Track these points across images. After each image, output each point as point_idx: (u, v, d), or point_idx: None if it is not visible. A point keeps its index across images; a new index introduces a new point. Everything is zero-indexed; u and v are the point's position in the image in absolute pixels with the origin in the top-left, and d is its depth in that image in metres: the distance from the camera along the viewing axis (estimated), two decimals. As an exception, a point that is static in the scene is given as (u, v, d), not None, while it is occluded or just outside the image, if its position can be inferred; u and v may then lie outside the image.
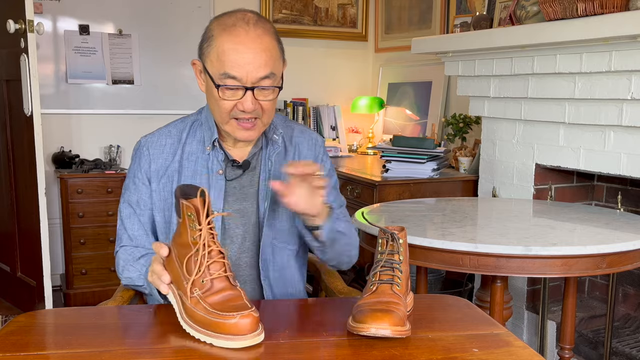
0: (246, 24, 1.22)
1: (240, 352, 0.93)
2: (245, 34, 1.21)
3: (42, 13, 3.46)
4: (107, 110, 3.70)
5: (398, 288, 1.06)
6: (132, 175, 1.37)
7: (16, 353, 0.92)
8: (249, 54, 1.20)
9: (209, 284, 0.99)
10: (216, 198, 1.32)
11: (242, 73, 1.21)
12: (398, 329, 0.97)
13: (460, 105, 3.41)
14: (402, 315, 1.00)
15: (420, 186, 2.82)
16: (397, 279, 1.07)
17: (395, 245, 1.09)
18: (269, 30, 1.25)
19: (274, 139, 1.38)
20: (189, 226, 1.01)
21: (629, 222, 1.89)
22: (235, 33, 1.21)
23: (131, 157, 1.40)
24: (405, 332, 0.99)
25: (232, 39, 1.21)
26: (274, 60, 1.24)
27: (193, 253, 1.00)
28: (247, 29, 1.21)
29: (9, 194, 3.20)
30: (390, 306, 1.01)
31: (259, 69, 1.21)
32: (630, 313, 2.57)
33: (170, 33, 3.73)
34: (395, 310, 1.00)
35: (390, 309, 0.99)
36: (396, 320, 0.97)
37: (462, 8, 3.44)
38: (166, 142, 1.36)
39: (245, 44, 1.20)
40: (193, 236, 1.00)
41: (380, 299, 1.03)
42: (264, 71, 1.22)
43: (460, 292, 2.76)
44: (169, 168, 1.34)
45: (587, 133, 2.29)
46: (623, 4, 1.99)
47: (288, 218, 1.36)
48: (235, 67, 1.20)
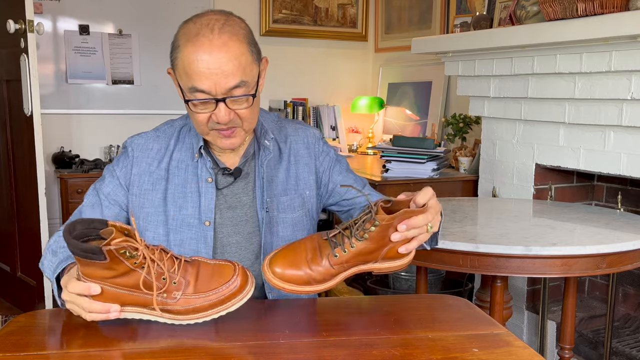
0: (210, 31, 1.14)
1: (240, 352, 0.93)
2: (209, 43, 1.13)
3: (42, 13, 3.47)
4: (107, 110, 3.70)
5: (335, 257, 1.05)
6: (112, 169, 1.31)
7: (16, 353, 0.92)
8: (214, 64, 1.12)
9: (182, 280, 1.00)
10: (207, 207, 1.27)
11: (209, 85, 1.14)
12: (279, 275, 1.04)
13: (460, 105, 3.41)
14: (301, 274, 1.04)
15: (420, 186, 2.80)
16: (339, 250, 1.05)
17: (369, 218, 1.05)
18: (237, 34, 1.16)
19: (265, 145, 1.32)
20: (123, 259, 0.96)
21: (629, 222, 1.89)
22: (199, 43, 1.13)
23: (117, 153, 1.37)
24: (283, 287, 1.04)
25: (195, 49, 1.13)
26: (243, 67, 1.15)
27: (144, 272, 0.97)
28: (210, 38, 1.13)
29: (9, 194, 3.20)
30: (299, 259, 1.05)
31: (227, 79, 1.14)
32: (630, 313, 2.57)
33: (170, 33, 3.69)
34: (300, 265, 1.04)
35: (297, 262, 1.04)
36: (287, 266, 1.03)
37: (462, 8, 3.44)
38: (153, 146, 1.31)
39: (211, 53, 1.12)
40: (135, 262, 0.97)
41: (306, 252, 1.07)
42: (233, 80, 1.14)
43: (460, 292, 2.76)
44: (153, 174, 1.29)
45: (587, 133, 2.29)
46: (623, 4, 1.99)
47: (291, 225, 1.33)
48: (202, 79, 1.13)
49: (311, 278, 1.05)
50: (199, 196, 1.28)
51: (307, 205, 1.35)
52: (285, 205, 1.33)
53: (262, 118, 1.37)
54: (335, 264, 1.06)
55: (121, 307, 1.01)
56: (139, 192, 1.29)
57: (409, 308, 1.16)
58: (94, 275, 0.98)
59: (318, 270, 1.05)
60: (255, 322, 1.08)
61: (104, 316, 1.00)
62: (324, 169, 1.39)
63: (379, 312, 1.14)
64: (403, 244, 1.09)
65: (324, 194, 1.40)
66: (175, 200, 1.28)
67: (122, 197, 1.29)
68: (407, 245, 1.09)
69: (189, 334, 1.00)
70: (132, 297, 1.00)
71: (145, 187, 1.28)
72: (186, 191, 1.28)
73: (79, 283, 1.00)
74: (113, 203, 1.29)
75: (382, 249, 1.08)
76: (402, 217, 1.04)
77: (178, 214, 1.27)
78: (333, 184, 1.39)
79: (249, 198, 1.31)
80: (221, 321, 1.05)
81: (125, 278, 0.98)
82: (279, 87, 3.97)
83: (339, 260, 1.06)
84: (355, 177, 1.42)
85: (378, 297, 1.27)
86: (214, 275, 1.01)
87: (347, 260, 1.06)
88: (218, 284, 1.00)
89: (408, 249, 1.09)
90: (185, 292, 0.99)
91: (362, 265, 1.09)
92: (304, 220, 1.35)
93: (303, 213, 1.35)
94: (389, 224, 1.04)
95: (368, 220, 1.04)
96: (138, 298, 1.00)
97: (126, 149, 1.33)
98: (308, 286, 1.05)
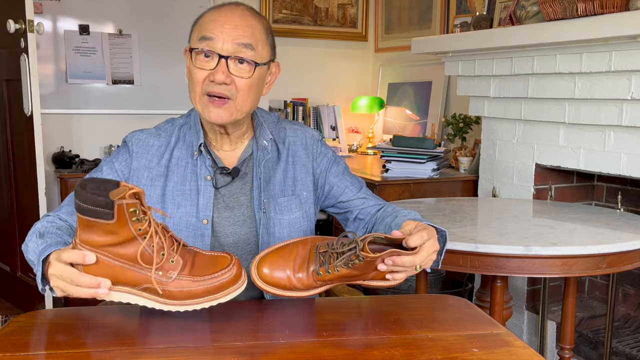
0: (236, 5, 1.22)
1: (240, 352, 0.93)
2: (231, 11, 1.20)
3: (42, 13, 3.46)
4: (107, 110, 3.70)
5: (318, 275, 1.06)
6: (110, 162, 1.31)
7: (16, 353, 0.92)
8: (230, 21, 1.18)
9: (180, 261, 0.99)
10: (205, 205, 1.27)
11: (218, 35, 1.17)
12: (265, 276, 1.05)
13: (460, 105, 3.41)
14: (284, 282, 1.05)
15: (420, 186, 2.82)
16: (329, 267, 1.05)
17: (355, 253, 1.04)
18: (259, 17, 1.24)
19: (264, 145, 1.32)
20: (130, 221, 0.93)
21: (629, 222, 1.89)
22: (221, 9, 1.21)
23: (117, 148, 1.36)
24: (266, 290, 1.05)
25: (217, 11, 1.21)
26: (256, 38, 1.21)
27: (145, 243, 0.95)
28: (233, 8, 1.21)
29: (9, 193, 3.20)
30: (287, 265, 1.06)
31: (238, 35, 1.17)
32: (630, 313, 2.56)
33: (170, 33, 3.73)
34: (286, 271, 1.05)
35: (284, 268, 1.05)
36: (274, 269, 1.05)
37: (462, 8, 3.44)
38: (153, 143, 1.31)
39: (228, 15, 1.19)
40: (139, 228, 0.94)
41: (294, 260, 1.07)
42: (242, 37, 1.18)
43: (460, 292, 2.76)
44: (153, 170, 1.29)
45: (587, 133, 2.29)
46: (623, 4, 1.99)
47: (288, 226, 1.33)
48: (214, 29, 1.18)
49: (293, 286, 1.06)
50: (197, 194, 1.28)
51: (304, 207, 1.35)
52: (283, 207, 1.32)
53: (262, 118, 1.37)
54: (318, 280, 1.07)
55: (111, 285, 0.97)
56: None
57: (409, 308, 1.16)
58: (92, 241, 0.95)
59: (302, 282, 1.07)
60: (255, 322, 1.08)
61: (92, 292, 0.97)
62: (321, 170, 1.38)
63: (379, 312, 1.14)
64: (390, 273, 1.07)
65: (320, 195, 1.40)
66: (173, 198, 1.28)
67: None
68: (394, 275, 1.07)
69: (189, 334, 0.99)
70: (125, 272, 0.97)
71: (144, 183, 1.29)
72: (185, 189, 1.28)
73: (73, 251, 0.97)
74: None
75: (368, 274, 1.08)
76: (387, 256, 1.03)
77: (176, 211, 1.27)
78: (329, 186, 1.39)
79: (246, 198, 1.31)
80: (221, 321, 1.05)
81: (125, 247, 0.96)
82: (279, 87, 3.95)
83: (322, 279, 1.06)
84: (352, 180, 1.41)
85: (378, 297, 1.27)
86: (211, 263, 1.01)
87: (330, 279, 1.07)
88: (214, 270, 1.00)
89: (395, 278, 1.07)
90: (181, 274, 0.98)
91: (348, 281, 1.10)
92: (302, 221, 1.35)
93: (300, 214, 1.34)
94: (374, 260, 1.03)
95: (353, 254, 1.03)
96: (132, 274, 0.97)
97: (126, 143, 1.32)
98: (290, 291, 1.07)
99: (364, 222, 1.37)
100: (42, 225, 1.18)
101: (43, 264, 1.04)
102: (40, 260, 1.05)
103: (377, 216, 1.34)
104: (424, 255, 1.05)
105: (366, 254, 1.01)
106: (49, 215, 1.23)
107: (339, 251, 1.04)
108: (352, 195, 1.39)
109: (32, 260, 1.11)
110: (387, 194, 2.75)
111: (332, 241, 1.08)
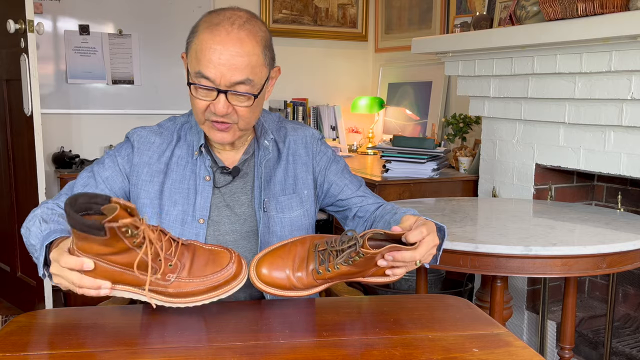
0: (231, 24, 1.16)
1: (240, 352, 0.93)
2: (227, 34, 1.15)
3: (42, 13, 3.46)
4: (107, 110, 3.70)
5: (318, 274, 1.06)
6: (113, 155, 1.31)
7: (16, 353, 0.92)
8: (225, 55, 1.15)
9: (178, 263, 0.99)
10: (202, 205, 1.28)
11: (215, 74, 1.16)
12: (264, 277, 1.05)
13: (460, 105, 3.41)
14: (284, 282, 1.05)
15: (420, 186, 2.82)
16: (329, 266, 1.05)
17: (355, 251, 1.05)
18: (255, 35, 1.18)
19: (265, 145, 1.33)
20: (124, 237, 0.94)
21: (629, 222, 1.89)
22: (216, 32, 1.15)
23: (119, 143, 1.35)
24: (266, 291, 1.06)
25: (212, 37, 1.15)
26: (252, 66, 1.17)
27: (141, 252, 0.96)
28: (229, 30, 1.16)
29: (9, 194, 3.20)
30: (286, 265, 1.06)
31: (233, 73, 1.16)
32: (630, 313, 2.56)
33: (170, 33, 3.73)
34: (285, 271, 1.05)
35: (283, 268, 1.06)
36: (273, 269, 1.05)
37: (462, 8, 3.44)
38: (155, 140, 1.32)
39: (224, 45, 1.15)
40: (134, 241, 0.95)
41: (293, 259, 1.07)
42: (239, 76, 1.16)
43: (460, 292, 2.76)
44: (153, 167, 1.30)
45: (587, 133, 2.29)
46: (623, 4, 1.99)
47: (289, 224, 1.33)
48: (210, 67, 1.15)
49: (293, 285, 1.07)
50: (195, 194, 1.29)
51: (305, 205, 1.36)
52: (283, 205, 1.33)
53: (264, 118, 1.37)
54: (319, 279, 1.07)
55: (112, 285, 0.99)
56: (137, 183, 1.30)
57: (409, 308, 1.16)
58: (89, 250, 0.96)
59: (302, 281, 1.07)
60: (255, 322, 1.08)
61: (94, 292, 0.99)
62: (320, 168, 1.39)
63: (378, 312, 1.14)
64: (390, 269, 1.08)
65: (319, 193, 1.40)
66: (171, 196, 1.29)
67: (118, 184, 1.30)
68: (394, 270, 1.07)
69: (189, 335, 0.99)
70: (124, 275, 0.98)
71: (143, 179, 1.30)
72: (183, 187, 1.29)
73: (72, 257, 0.97)
74: (109, 188, 1.29)
75: (368, 270, 1.08)
76: (387, 252, 1.03)
77: (172, 209, 1.28)
78: (328, 184, 1.39)
79: (247, 197, 1.32)
80: (220, 321, 1.05)
81: (122, 256, 0.96)
82: (279, 87, 3.95)
83: (322, 277, 1.06)
84: (351, 178, 1.42)
85: (378, 297, 1.27)
86: (209, 262, 1.01)
87: (330, 277, 1.07)
88: (213, 270, 1.00)
89: (395, 273, 1.08)
90: (180, 276, 0.99)
91: (348, 278, 1.10)
92: (302, 220, 1.35)
93: (301, 213, 1.35)
94: (374, 256, 1.03)
95: (353, 250, 1.03)
96: (131, 277, 0.98)
97: (128, 139, 1.34)
98: (290, 291, 1.07)
99: (362, 220, 1.38)
100: (43, 211, 1.19)
101: (47, 249, 1.06)
102: (43, 245, 1.06)
103: (376, 214, 1.35)
104: (423, 250, 1.05)
105: (366, 250, 1.01)
106: (47, 203, 1.24)
107: (339, 249, 1.04)
108: (351, 193, 1.39)
109: (34, 244, 1.12)
110: (387, 194, 2.75)
111: (331, 239, 1.08)
